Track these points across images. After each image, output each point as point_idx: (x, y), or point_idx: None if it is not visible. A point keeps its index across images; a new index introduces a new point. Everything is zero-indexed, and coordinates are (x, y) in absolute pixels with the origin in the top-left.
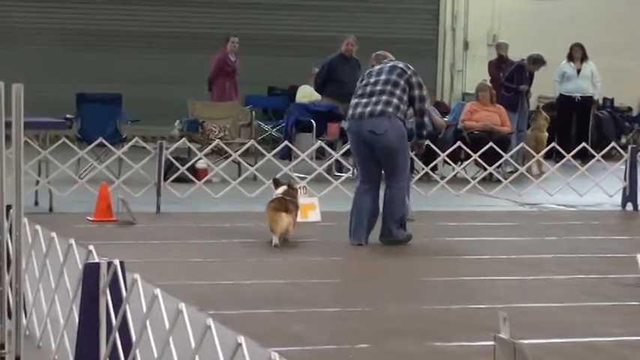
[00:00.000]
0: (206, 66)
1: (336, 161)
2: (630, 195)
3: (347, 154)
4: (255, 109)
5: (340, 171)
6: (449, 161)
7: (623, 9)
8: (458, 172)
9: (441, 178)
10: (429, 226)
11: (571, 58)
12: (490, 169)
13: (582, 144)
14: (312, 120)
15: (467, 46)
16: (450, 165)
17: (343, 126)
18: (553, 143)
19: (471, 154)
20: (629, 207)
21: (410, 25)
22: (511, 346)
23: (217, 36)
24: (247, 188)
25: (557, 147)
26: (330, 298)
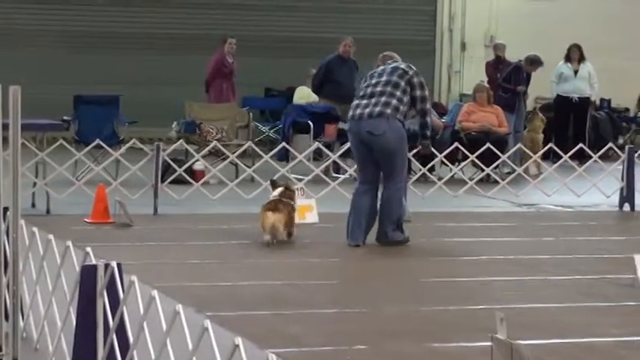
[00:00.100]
0: (203, 67)
1: (334, 162)
2: (627, 195)
3: (344, 156)
4: (252, 110)
5: (338, 172)
6: (446, 162)
7: (619, 9)
8: (455, 173)
9: (439, 179)
10: (427, 226)
11: (568, 58)
12: (487, 170)
13: (579, 145)
14: (309, 121)
15: (464, 47)
16: (448, 166)
17: (341, 127)
18: (550, 144)
19: (469, 154)
20: (627, 207)
21: (407, 26)
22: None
23: (215, 37)
24: (245, 190)
25: (555, 148)
26: (327, 299)
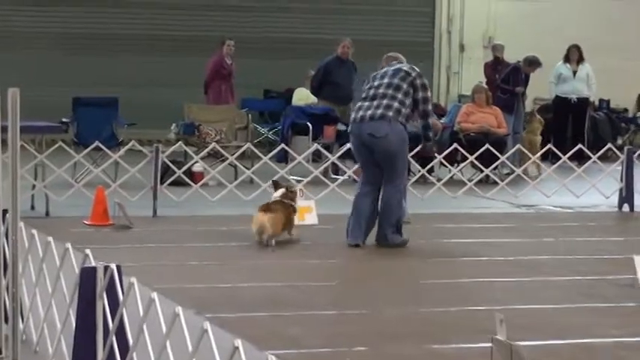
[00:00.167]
0: (202, 69)
1: (333, 164)
2: (627, 196)
3: (343, 157)
4: (251, 112)
5: (337, 173)
6: (445, 163)
7: (618, 10)
8: (454, 174)
9: (438, 180)
10: (426, 228)
11: (567, 59)
12: (487, 171)
13: (578, 145)
14: (308, 123)
15: (463, 48)
16: (447, 167)
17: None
18: (549, 145)
19: (468, 156)
20: (626, 208)
21: (406, 27)
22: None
23: (213, 39)
24: (244, 191)
25: (554, 148)
26: (327, 300)
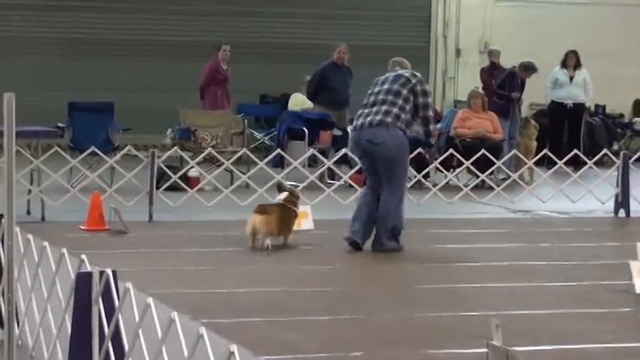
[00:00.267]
0: (198, 74)
1: (329, 169)
2: (622, 201)
3: (339, 162)
4: (247, 117)
5: (332, 179)
6: (441, 168)
7: (614, 16)
8: (450, 180)
9: (434, 186)
10: (422, 233)
11: (564, 64)
12: (482, 176)
13: (574, 151)
14: (304, 128)
15: (458, 53)
16: (443, 172)
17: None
18: (545, 150)
19: (464, 161)
20: (622, 213)
21: (401, 32)
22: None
23: (209, 44)
24: (240, 196)
25: (549, 154)
26: (322, 306)
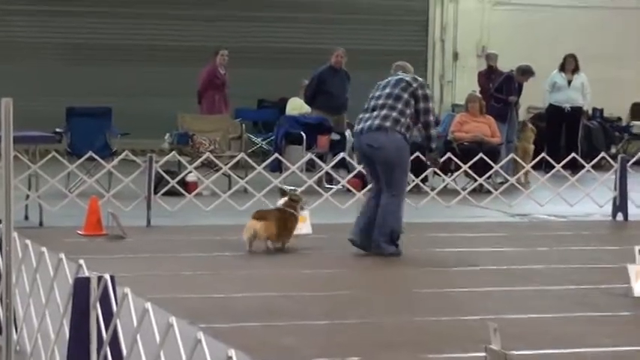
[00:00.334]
0: (194, 79)
1: (327, 173)
2: (620, 205)
3: (337, 167)
4: (245, 121)
5: (330, 183)
6: (439, 172)
7: (611, 19)
8: (448, 184)
9: (432, 190)
10: (420, 237)
11: (563, 68)
12: (480, 180)
13: (572, 154)
14: (302, 132)
15: (456, 57)
16: (440, 176)
17: (334, 138)
18: (543, 154)
19: (461, 165)
20: (620, 217)
21: (399, 36)
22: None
23: (206, 49)
24: (237, 201)
25: (547, 157)
26: (321, 310)
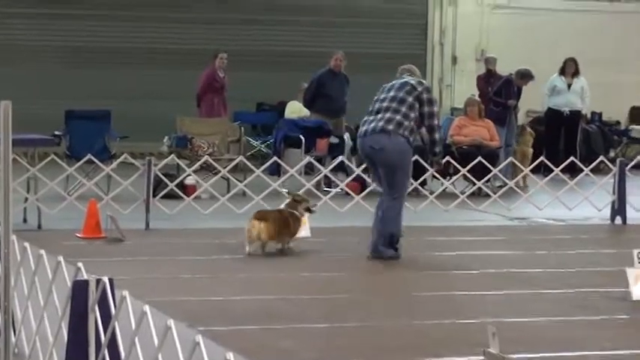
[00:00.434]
0: (194, 82)
1: (325, 177)
2: (619, 209)
3: (336, 170)
4: (243, 125)
5: (329, 186)
6: (438, 176)
7: (610, 23)
8: (447, 187)
9: (430, 193)
10: (419, 240)
11: (563, 72)
12: (479, 184)
13: (571, 158)
14: (300, 136)
15: (455, 60)
16: (439, 180)
17: (333, 141)
18: (541, 157)
19: (460, 168)
20: (618, 221)
21: (398, 40)
22: None
23: (206, 52)
24: (236, 204)
25: (546, 161)
26: (320, 313)
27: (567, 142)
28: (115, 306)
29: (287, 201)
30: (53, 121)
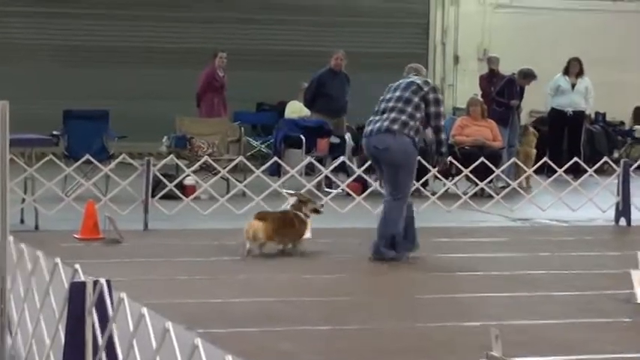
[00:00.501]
0: (193, 81)
1: (326, 177)
2: (623, 210)
3: (336, 170)
4: (243, 125)
5: (330, 187)
6: (440, 177)
7: (613, 23)
8: (449, 188)
9: (432, 194)
10: (421, 242)
11: (567, 72)
12: (481, 185)
13: (574, 158)
14: (301, 136)
15: (457, 60)
16: (441, 180)
17: (334, 141)
18: (545, 158)
19: (462, 169)
20: (622, 222)
21: (400, 39)
22: None
23: (208, 51)
24: (236, 205)
25: (549, 162)
26: (321, 315)
27: (571, 142)
28: (113, 308)
29: (291, 201)
30: (51, 120)
